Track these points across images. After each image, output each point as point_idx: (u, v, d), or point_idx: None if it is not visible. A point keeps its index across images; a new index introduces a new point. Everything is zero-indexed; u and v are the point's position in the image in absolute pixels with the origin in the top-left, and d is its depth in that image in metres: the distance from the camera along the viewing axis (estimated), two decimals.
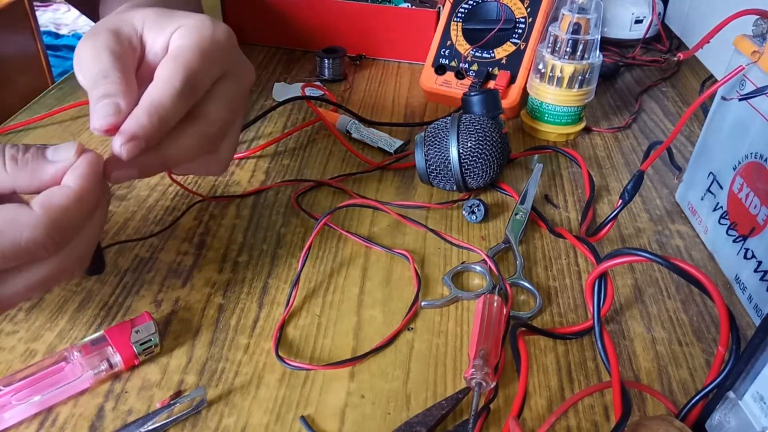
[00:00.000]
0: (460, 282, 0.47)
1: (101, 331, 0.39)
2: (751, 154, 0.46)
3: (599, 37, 0.62)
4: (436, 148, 0.53)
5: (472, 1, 0.71)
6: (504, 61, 0.68)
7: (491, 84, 0.68)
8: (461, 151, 0.52)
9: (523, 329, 0.41)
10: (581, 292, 0.47)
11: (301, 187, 0.56)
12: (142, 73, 0.39)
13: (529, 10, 0.69)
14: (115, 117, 0.34)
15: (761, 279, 0.44)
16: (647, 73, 0.85)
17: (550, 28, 0.63)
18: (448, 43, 0.71)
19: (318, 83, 0.75)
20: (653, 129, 0.71)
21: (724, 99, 0.50)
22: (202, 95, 0.38)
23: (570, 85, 0.63)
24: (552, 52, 0.63)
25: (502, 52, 0.69)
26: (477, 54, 0.69)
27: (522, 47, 0.68)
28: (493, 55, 0.69)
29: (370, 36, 0.83)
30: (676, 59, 0.59)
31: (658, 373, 0.41)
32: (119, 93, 0.35)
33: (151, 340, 0.39)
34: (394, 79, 0.80)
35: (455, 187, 0.55)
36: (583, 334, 0.43)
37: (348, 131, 0.65)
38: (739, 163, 0.48)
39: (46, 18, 2.40)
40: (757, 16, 0.46)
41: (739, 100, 0.47)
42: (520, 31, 0.68)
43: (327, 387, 0.39)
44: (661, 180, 0.61)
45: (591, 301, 0.39)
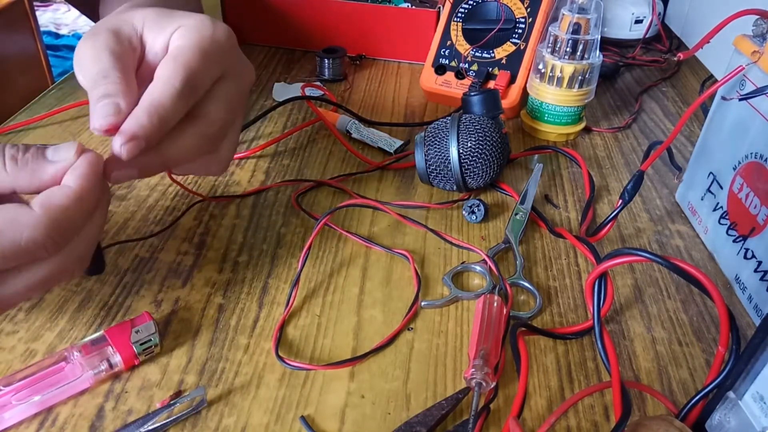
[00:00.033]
0: (460, 282, 0.47)
1: (101, 331, 0.39)
2: (751, 154, 0.46)
3: (599, 37, 0.62)
4: (436, 148, 0.53)
5: (472, 1, 0.71)
6: (504, 61, 0.68)
7: (491, 84, 0.68)
8: (461, 151, 0.52)
9: (523, 329, 0.41)
10: (581, 292, 0.47)
11: (301, 187, 0.56)
12: (142, 73, 0.39)
13: (529, 10, 0.69)
14: (115, 117, 0.34)
15: (761, 279, 0.44)
16: (647, 73, 0.85)
17: (550, 28, 0.63)
18: (448, 43, 0.71)
19: (318, 83, 0.75)
20: (653, 129, 0.71)
21: (724, 99, 0.50)
22: (202, 95, 0.38)
23: (570, 85, 0.63)
24: (552, 52, 0.63)
25: (502, 52, 0.69)
26: (477, 54, 0.69)
27: (522, 47, 0.68)
28: (493, 55, 0.69)
29: (370, 36, 0.83)
30: (676, 59, 0.59)
31: (658, 373, 0.41)
32: (119, 93, 0.35)
33: (151, 340, 0.39)
34: (394, 79, 0.80)
35: (455, 187, 0.55)
36: (583, 334, 0.43)
37: (348, 131, 0.65)
38: (739, 163, 0.48)
39: (46, 18, 2.40)
40: (757, 16, 0.46)
41: (739, 100, 0.47)
42: (520, 31, 0.68)
43: (327, 387, 0.39)
44: (661, 180, 0.61)
45: (591, 301, 0.39)
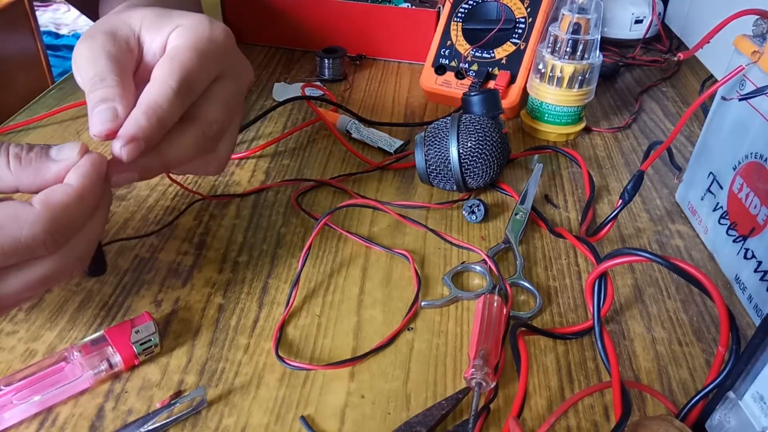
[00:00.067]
0: (460, 282, 0.47)
1: (101, 331, 0.39)
2: (751, 154, 0.46)
3: (599, 37, 0.62)
4: (436, 148, 0.53)
5: (472, 1, 0.71)
6: (504, 61, 0.68)
7: (491, 84, 0.68)
8: (461, 151, 0.52)
9: (523, 329, 0.41)
10: (581, 292, 0.47)
11: (301, 187, 0.56)
12: (140, 73, 0.39)
13: (529, 10, 0.69)
14: (113, 123, 0.34)
15: (761, 279, 0.44)
16: (647, 73, 0.85)
17: (550, 28, 0.63)
18: (448, 43, 0.71)
19: (318, 83, 0.75)
20: (653, 129, 0.71)
21: (724, 99, 0.50)
22: (199, 95, 0.38)
23: (570, 85, 0.63)
24: (552, 52, 0.63)
25: (502, 52, 0.69)
26: (477, 54, 0.69)
27: (522, 47, 0.68)
28: (493, 55, 0.69)
29: (370, 36, 0.83)
30: (676, 59, 0.59)
31: (658, 373, 0.41)
32: (116, 97, 0.35)
33: (151, 340, 0.39)
34: (394, 79, 0.80)
35: (455, 187, 0.55)
36: (583, 334, 0.43)
37: (348, 131, 0.65)
38: (739, 163, 0.48)
39: (46, 18, 2.40)
40: (757, 16, 0.46)
41: (739, 100, 0.47)
42: (520, 31, 0.68)
43: (327, 387, 0.39)
44: (661, 180, 0.61)
45: (591, 301, 0.39)
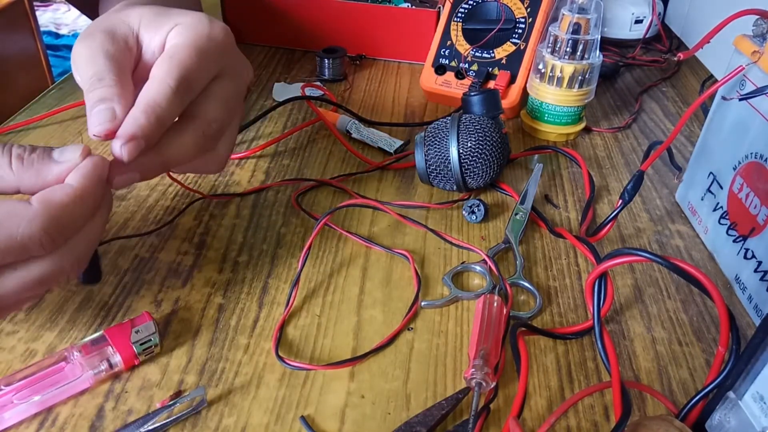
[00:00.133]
0: (460, 282, 0.47)
1: (101, 331, 0.39)
2: (751, 154, 0.46)
3: (599, 37, 0.62)
4: (436, 148, 0.53)
5: (472, 1, 0.71)
6: (504, 61, 0.68)
7: (491, 84, 0.68)
8: (461, 151, 0.52)
9: (523, 329, 0.41)
10: (581, 292, 0.47)
11: (301, 187, 0.56)
12: (139, 72, 0.39)
13: (529, 10, 0.69)
14: (111, 123, 0.34)
15: (761, 279, 0.44)
16: (647, 73, 0.85)
17: (550, 28, 0.63)
18: (448, 43, 0.71)
19: (318, 83, 0.75)
20: (653, 129, 0.71)
21: (724, 99, 0.50)
22: (198, 93, 0.38)
23: (570, 85, 0.63)
24: (552, 52, 0.63)
25: (502, 52, 0.69)
26: (477, 54, 0.69)
27: (522, 47, 0.68)
28: (493, 55, 0.69)
29: (370, 36, 0.83)
30: (676, 59, 0.59)
31: (658, 373, 0.41)
32: (114, 96, 0.35)
33: (151, 340, 0.39)
34: (394, 79, 0.80)
35: (455, 187, 0.55)
36: (583, 334, 0.43)
37: (348, 131, 0.65)
38: (739, 163, 0.48)
39: (46, 18, 2.40)
40: (757, 16, 0.46)
41: (739, 100, 0.47)
42: (520, 31, 0.68)
43: (327, 387, 0.39)
44: (661, 180, 0.61)
45: (591, 301, 0.39)
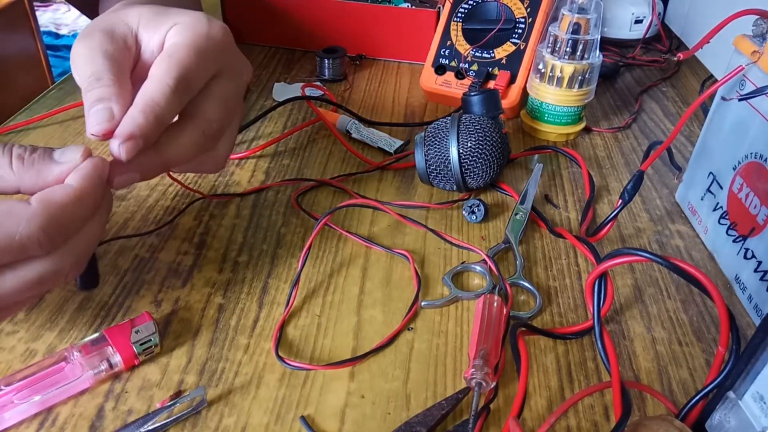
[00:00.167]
0: (460, 282, 0.47)
1: (101, 331, 0.39)
2: (751, 154, 0.46)
3: (599, 37, 0.62)
4: (436, 148, 0.53)
5: (472, 1, 0.71)
6: (504, 61, 0.68)
7: (491, 84, 0.68)
8: (461, 151, 0.52)
9: (523, 329, 0.41)
10: (581, 292, 0.47)
11: (301, 187, 0.56)
12: (138, 71, 0.39)
13: (529, 10, 0.69)
14: (109, 123, 0.35)
15: (761, 279, 0.44)
16: (647, 73, 0.85)
17: (550, 28, 0.63)
18: (448, 43, 0.71)
19: (318, 83, 0.75)
20: (653, 129, 0.71)
21: (724, 99, 0.50)
22: (197, 92, 0.38)
23: (570, 85, 0.63)
24: (552, 52, 0.63)
25: (502, 52, 0.69)
26: (477, 54, 0.69)
27: (522, 47, 0.68)
28: (493, 55, 0.69)
29: (370, 36, 0.83)
30: (676, 59, 0.59)
31: (658, 373, 0.41)
32: (112, 96, 0.35)
33: (151, 340, 0.39)
34: (394, 79, 0.80)
35: (455, 187, 0.55)
36: (583, 334, 0.43)
37: (348, 131, 0.65)
38: (739, 163, 0.48)
39: (46, 18, 2.40)
40: (757, 16, 0.46)
41: (739, 100, 0.47)
42: (520, 31, 0.68)
43: (327, 387, 0.39)
44: (661, 180, 0.61)
45: (591, 301, 0.39)
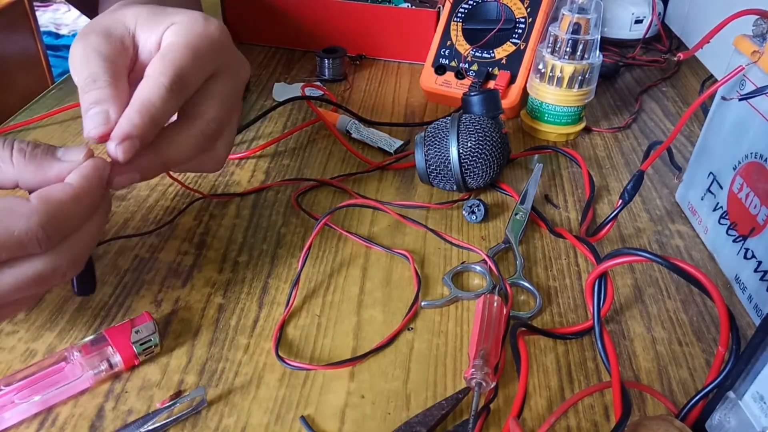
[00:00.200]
0: (460, 282, 0.47)
1: (101, 331, 0.39)
2: (751, 154, 0.46)
3: (599, 37, 0.62)
4: (436, 148, 0.53)
5: (472, 1, 0.71)
6: (504, 61, 0.68)
7: (491, 84, 0.68)
8: (461, 151, 0.52)
9: (523, 329, 0.41)
10: (581, 292, 0.47)
11: (301, 187, 0.56)
12: (136, 72, 0.39)
13: (529, 10, 0.69)
14: (105, 126, 0.35)
15: (761, 279, 0.44)
16: (647, 73, 0.85)
17: (550, 28, 0.63)
18: (448, 43, 0.71)
19: (318, 83, 0.75)
20: (653, 129, 0.71)
21: (724, 99, 0.50)
22: (193, 92, 0.38)
23: (570, 85, 0.63)
24: (552, 52, 0.63)
25: (502, 52, 0.69)
26: (477, 54, 0.69)
27: (522, 47, 0.68)
28: (493, 55, 0.69)
29: (370, 36, 0.83)
30: (676, 59, 0.59)
31: (658, 373, 0.41)
32: (108, 98, 0.35)
33: (151, 340, 0.39)
34: (394, 79, 0.80)
35: (455, 187, 0.55)
36: (583, 334, 0.43)
37: (348, 131, 0.65)
38: (739, 163, 0.48)
39: (46, 18, 2.40)
40: (757, 16, 0.46)
41: (739, 100, 0.47)
42: (520, 31, 0.68)
43: (327, 387, 0.39)
44: (661, 180, 0.61)
45: (591, 301, 0.39)
